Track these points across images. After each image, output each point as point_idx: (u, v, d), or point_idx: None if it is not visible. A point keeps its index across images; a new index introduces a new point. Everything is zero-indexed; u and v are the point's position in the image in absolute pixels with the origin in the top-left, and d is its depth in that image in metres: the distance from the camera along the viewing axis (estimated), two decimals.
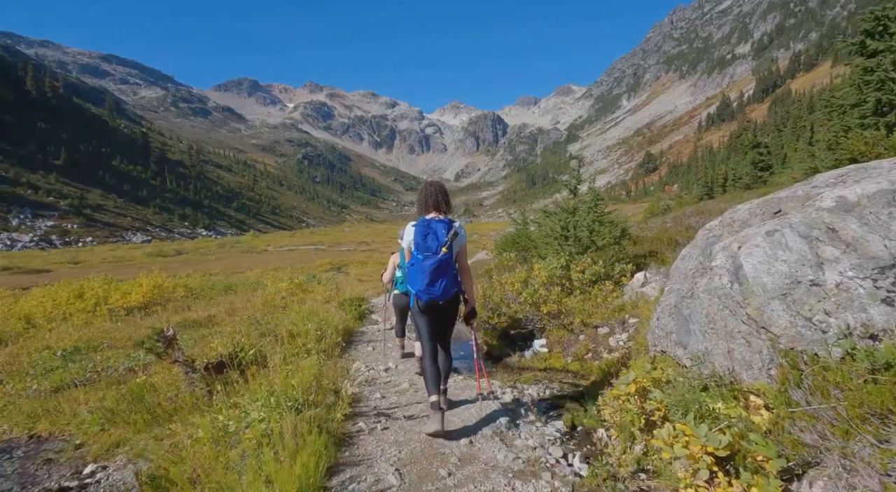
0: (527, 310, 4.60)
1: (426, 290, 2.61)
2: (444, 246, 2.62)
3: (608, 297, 4.84)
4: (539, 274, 4.95)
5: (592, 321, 4.50)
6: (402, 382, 3.66)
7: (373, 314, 6.75)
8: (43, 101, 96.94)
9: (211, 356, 3.66)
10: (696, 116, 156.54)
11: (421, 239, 2.65)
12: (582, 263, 5.01)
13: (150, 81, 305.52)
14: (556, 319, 4.58)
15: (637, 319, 4.34)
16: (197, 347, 4.27)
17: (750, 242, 2.02)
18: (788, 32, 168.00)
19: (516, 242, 9.38)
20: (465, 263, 2.87)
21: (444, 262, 2.61)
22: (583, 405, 3.15)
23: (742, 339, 1.93)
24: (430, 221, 2.72)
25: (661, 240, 7.25)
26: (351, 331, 5.50)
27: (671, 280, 2.85)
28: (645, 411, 2.07)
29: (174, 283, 15.31)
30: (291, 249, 45.51)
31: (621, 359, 3.85)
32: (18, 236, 58.69)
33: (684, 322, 2.30)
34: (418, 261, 2.64)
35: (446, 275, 2.63)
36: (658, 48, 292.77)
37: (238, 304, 8.68)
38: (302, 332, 4.15)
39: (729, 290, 2.01)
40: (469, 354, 4.00)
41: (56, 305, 11.25)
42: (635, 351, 3.59)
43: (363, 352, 4.62)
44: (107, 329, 8.22)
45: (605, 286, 4.91)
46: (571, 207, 7.81)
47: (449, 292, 2.65)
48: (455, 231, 2.70)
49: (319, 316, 4.66)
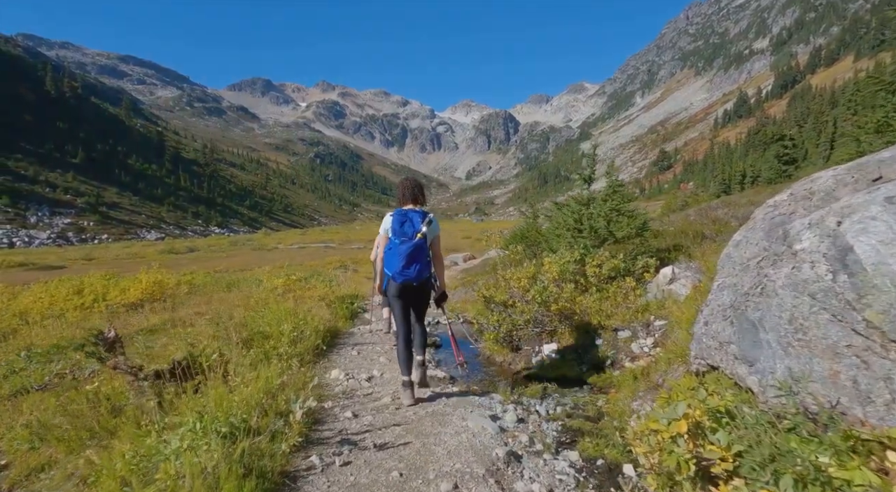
0: (535, 309, 3.97)
1: (402, 272, 2.81)
2: (419, 232, 2.85)
3: (629, 295, 4.18)
4: (550, 269, 4.31)
5: (611, 323, 3.85)
6: (384, 394, 3.05)
7: (366, 313, 6.16)
8: (62, 101, 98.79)
9: (166, 361, 3.11)
10: (711, 113, 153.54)
11: (398, 226, 2.88)
12: (598, 257, 4.36)
13: (166, 82, 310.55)
14: (569, 321, 3.95)
15: (665, 321, 3.68)
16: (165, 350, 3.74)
17: (860, 215, 1.37)
18: (808, 27, 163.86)
19: (525, 236, 8.71)
20: (439, 251, 3.12)
21: (418, 246, 2.82)
22: (603, 430, 2.51)
23: (854, 357, 1.30)
24: (406, 211, 2.95)
25: (686, 233, 6.53)
26: (337, 332, 4.94)
27: (721, 273, 2.19)
28: (700, 458, 1.44)
29: (178, 279, 15.02)
30: (302, 246, 45.39)
31: (647, 369, 3.21)
32: (36, 233, 59.75)
33: (751, 329, 1.66)
34: (395, 245, 2.85)
35: (420, 259, 2.84)
36: (673, 44, 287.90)
37: (236, 301, 8.22)
38: (274, 334, 3.59)
39: (830, 283, 1.36)
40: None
41: (53, 302, 10.89)
42: (664, 360, 2.94)
43: (346, 357, 4.00)
44: (98, 326, 7.79)
45: (625, 283, 4.25)
46: (585, 199, 7.15)
47: (422, 275, 2.88)
48: (429, 220, 2.93)
49: (299, 315, 4.10)
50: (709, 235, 6.23)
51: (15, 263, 32.12)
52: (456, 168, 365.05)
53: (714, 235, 6.15)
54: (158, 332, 5.48)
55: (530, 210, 9.25)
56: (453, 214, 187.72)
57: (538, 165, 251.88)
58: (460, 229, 57.59)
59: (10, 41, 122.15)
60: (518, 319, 4.09)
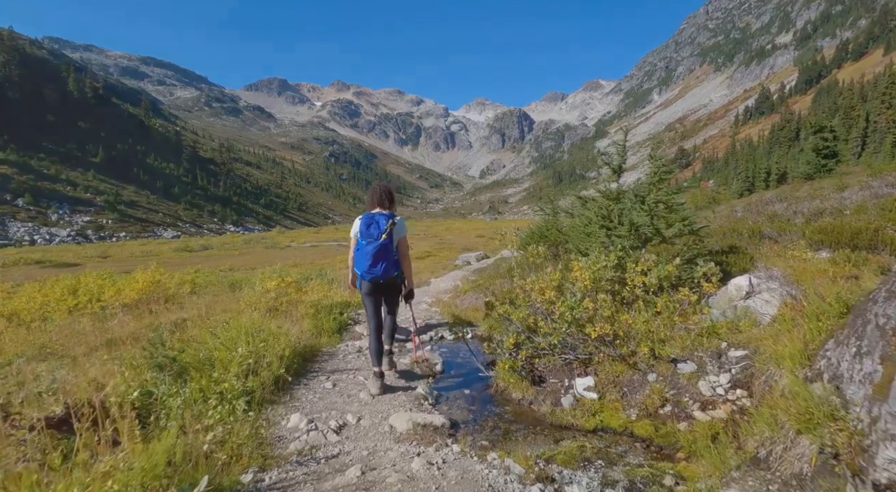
0: (564, 331, 3.04)
1: (369, 270, 3.04)
2: (383, 233, 3.04)
3: (687, 312, 3.21)
4: (581, 276, 3.36)
5: (667, 351, 2.88)
6: (353, 460, 2.14)
7: (356, 325, 5.27)
8: (84, 102, 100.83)
9: (57, 406, 2.28)
10: (732, 110, 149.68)
11: (365, 228, 3.09)
12: (644, 262, 3.38)
13: (185, 82, 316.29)
14: (610, 347, 3.00)
15: (744, 352, 2.70)
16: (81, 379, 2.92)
17: None
18: (835, 20, 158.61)
19: (544, 235, 7.74)
20: (405, 251, 3.29)
21: (383, 246, 3.02)
22: None
23: None
24: (374, 215, 3.15)
25: (738, 232, 5.49)
26: (314, 352, 3.97)
27: None
28: None
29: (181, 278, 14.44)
30: (314, 245, 44.98)
31: (730, 423, 2.25)
32: (56, 231, 60.81)
33: None
34: (362, 246, 3.07)
35: (385, 258, 3.04)
36: (692, 40, 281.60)
37: (228, 304, 7.48)
38: (221, 361, 2.73)
39: None
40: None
41: (46, 302, 10.29)
42: (764, 420, 1.98)
43: (316, 391, 3.07)
44: (81, 331, 7.06)
45: (678, 295, 3.28)
46: (615, 193, 6.17)
47: (388, 273, 3.08)
48: (394, 222, 3.12)
49: (264, 334, 3.22)
50: (769, 233, 5.18)
51: (32, 261, 32.34)
52: (470, 167, 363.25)
53: (776, 235, 5.10)
54: (118, 345, 4.69)
55: (549, 206, 8.25)
56: (467, 212, 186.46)
57: (553, 164, 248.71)
58: (474, 228, 56.55)
59: (36, 43, 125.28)
60: (541, 342, 3.16)
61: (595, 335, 2.84)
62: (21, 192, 63.62)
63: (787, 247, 4.70)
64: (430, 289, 11.08)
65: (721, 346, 2.85)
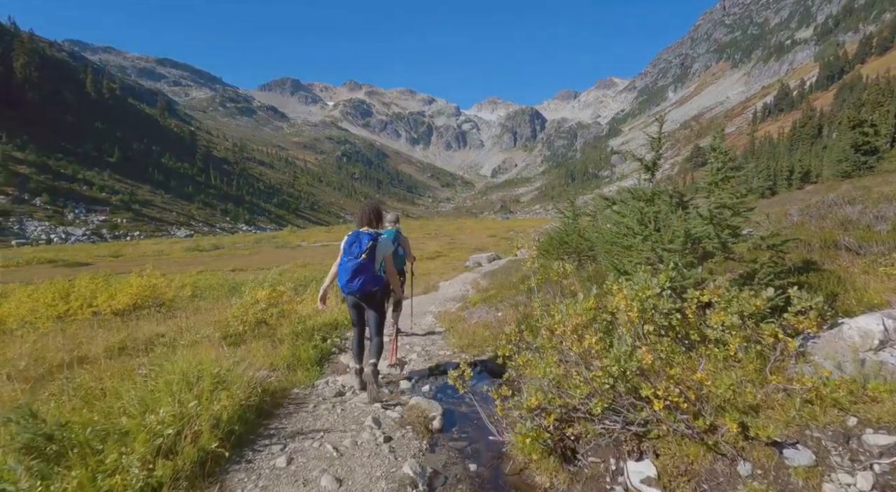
0: (608, 390, 2.17)
1: (346, 285, 3.34)
2: (363, 253, 3.32)
3: (782, 365, 2.29)
4: (626, 306, 2.47)
5: (764, 430, 1.97)
6: None
7: (341, 355, 4.35)
8: (101, 103, 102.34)
9: None
10: (749, 107, 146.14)
11: (348, 246, 3.40)
12: (715, 290, 2.47)
13: (200, 83, 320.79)
14: (675, 413, 2.10)
15: (892, 437, 1.79)
16: None
17: None
18: (857, 14, 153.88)
19: (564, 241, 6.81)
20: (391, 267, 3.66)
21: (362, 264, 3.31)
22: None
23: None
24: (359, 233, 3.44)
25: (805, 243, 4.51)
26: (280, 397, 3.11)
27: None
28: None
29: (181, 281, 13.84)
30: (324, 244, 44.48)
31: None
32: (72, 230, 61.53)
33: None
34: (343, 262, 3.40)
35: (363, 275, 3.31)
36: (708, 36, 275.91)
37: (221, 312, 6.81)
38: (130, 432, 1.93)
39: None
40: None
41: (35, 308, 9.68)
42: None
43: (260, 475, 2.16)
44: (54, 346, 6.33)
45: (764, 335, 2.35)
46: (649, 193, 5.24)
47: (365, 288, 3.35)
48: (376, 243, 3.40)
49: (207, 380, 2.40)
50: (847, 244, 4.20)
51: (45, 260, 32.38)
52: (481, 166, 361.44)
53: (856, 247, 4.12)
54: (89, 364, 3.88)
55: (570, 209, 7.29)
56: (478, 211, 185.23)
57: (565, 163, 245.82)
58: (485, 228, 55.51)
59: (55, 45, 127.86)
60: (575, 400, 2.28)
61: (660, 406, 1.94)
62: (39, 191, 64.61)
63: (877, 262, 3.74)
64: (438, 295, 10.14)
65: (848, 422, 1.93)
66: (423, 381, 3.66)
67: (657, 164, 5.91)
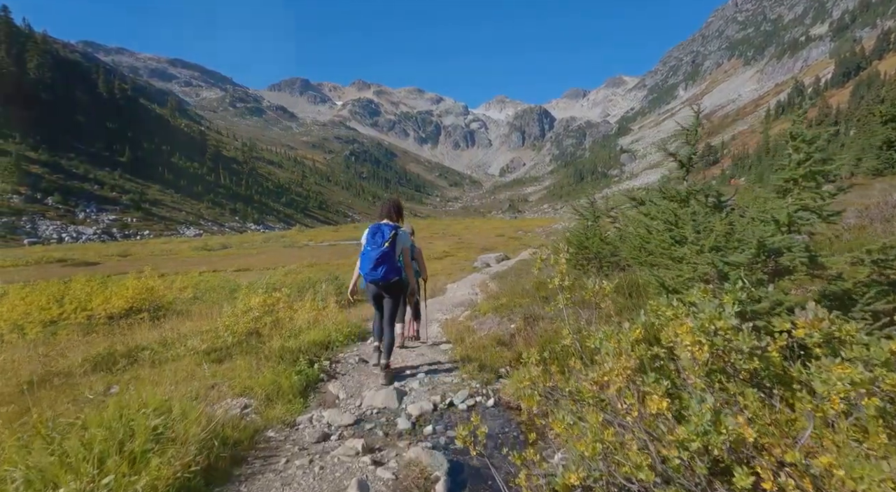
0: (683, 470, 1.64)
1: (370, 273, 3.51)
2: (386, 242, 3.51)
3: None
4: (692, 342, 1.89)
5: None
6: None
7: (330, 383, 3.71)
8: (112, 103, 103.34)
9: None
10: (762, 105, 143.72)
11: (371, 236, 3.59)
12: (816, 321, 1.92)
13: (210, 83, 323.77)
14: None
15: None
16: None
17: None
18: (875, 9, 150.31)
19: (583, 245, 6.33)
20: (408, 259, 3.85)
21: (385, 253, 3.50)
22: None
23: None
24: (380, 225, 3.66)
25: (882, 253, 3.99)
26: (248, 445, 2.52)
27: None
28: None
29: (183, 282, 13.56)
30: (332, 243, 44.26)
31: None
32: (83, 229, 62.10)
33: None
34: (367, 251, 3.56)
35: (385, 263, 3.50)
36: (720, 33, 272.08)
37: (212, 320, 6.44)
38: None
39: None
40: None
41: (28, 312, 9.39)
42: None
43: None
44: (24, 357, 6.00)
45: None
46: (683, 193, 4.80)
47: (388, 277, 3.53)
48: (397, 233, 3.61)
49: (144, 434, 1.87)
50: None
51: (54, 259, 32.51)
52: (489, 165, 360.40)
53: None
54: (48, 384, 3.48)
55: (589, 209, 6.77)
56: (486, 211, 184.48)
57: (574, 162, 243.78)
58: (493, 227, 54.88)
59: (68, 47, 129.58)
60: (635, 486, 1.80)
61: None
62: (51, 191, 65.32)
63: None
64: (445, 299, 9.62)
65: None
66: (427, 417, 3.15)
67: (692, 160, 5.40)
